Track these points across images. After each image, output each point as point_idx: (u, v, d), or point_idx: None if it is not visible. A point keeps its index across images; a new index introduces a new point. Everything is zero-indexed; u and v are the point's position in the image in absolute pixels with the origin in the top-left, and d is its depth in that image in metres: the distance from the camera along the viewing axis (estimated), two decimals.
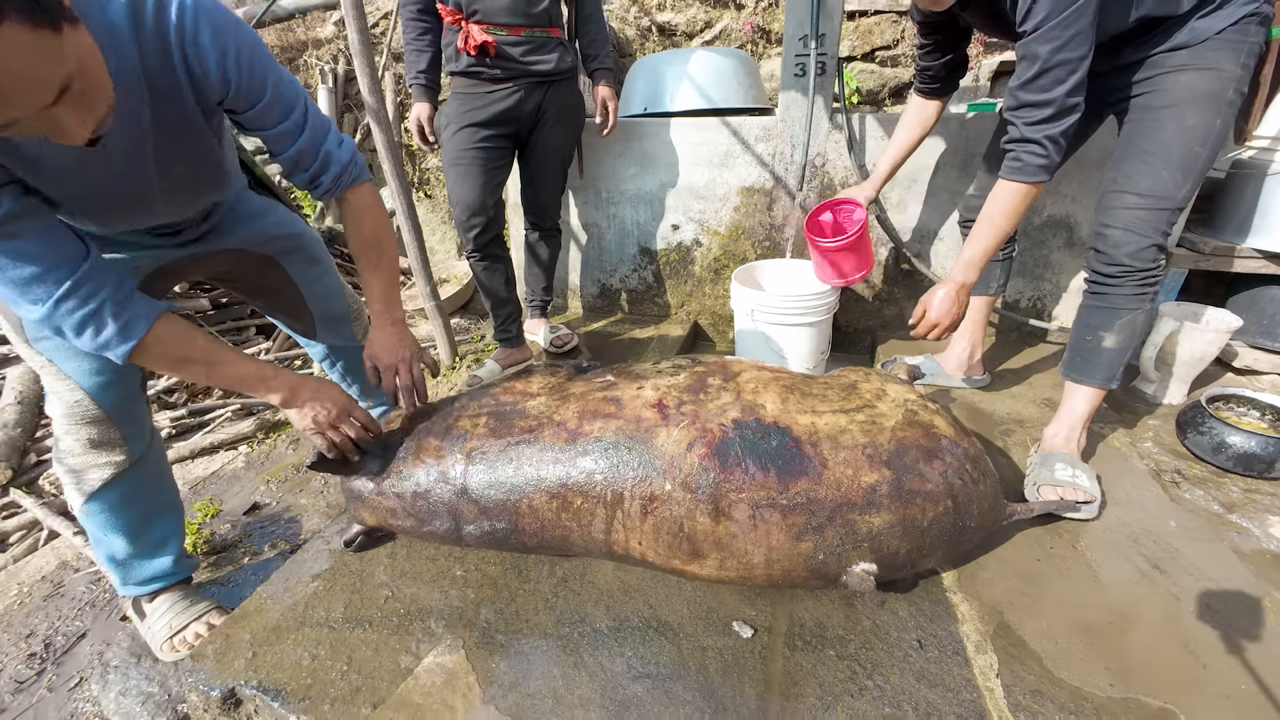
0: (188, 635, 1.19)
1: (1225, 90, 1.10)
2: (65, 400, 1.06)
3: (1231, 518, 1.32)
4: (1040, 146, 1.13)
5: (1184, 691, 0.92)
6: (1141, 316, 1.24)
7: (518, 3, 1.65)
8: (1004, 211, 1.21)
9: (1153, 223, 1.16)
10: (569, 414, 1.14)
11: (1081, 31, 1.04)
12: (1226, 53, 1.10)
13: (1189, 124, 1.12)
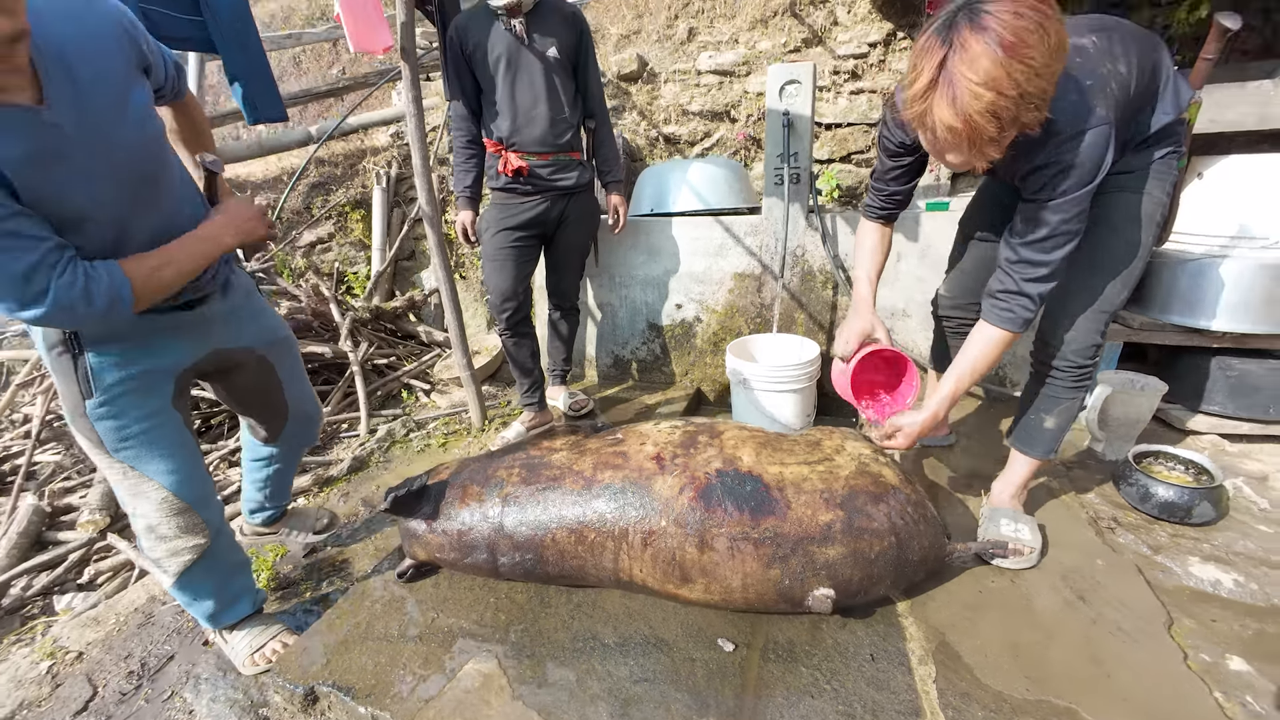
0: (266, 651, 1.43)
1: (1156, 213, 1.30)
2: (153, 500, 1.23)
3: (1157, 559, 1.51)
4: (1031, 301, 1.25)
5: (1088, 695, 1.11)
6: (1076, 405, 1.46)
7: (547, 135, 2.08)
8: (986, 356, 1.32)
9: (1095, 325, 1.37)
10: (586, 465, 1.42)
11: (1085, 208, 1.17)
12: (1156, 180, 1.29)
13: (1129, 241, 1.31)
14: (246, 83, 2.13)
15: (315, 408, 1.65)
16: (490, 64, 1.98)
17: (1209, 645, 1.25)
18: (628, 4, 3.52)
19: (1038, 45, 0.92)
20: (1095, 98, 1.09)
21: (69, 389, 1.13)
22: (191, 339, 1.26)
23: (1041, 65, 0.92)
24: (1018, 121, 0.97)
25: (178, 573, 1.31)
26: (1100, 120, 1.08)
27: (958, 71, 0.94)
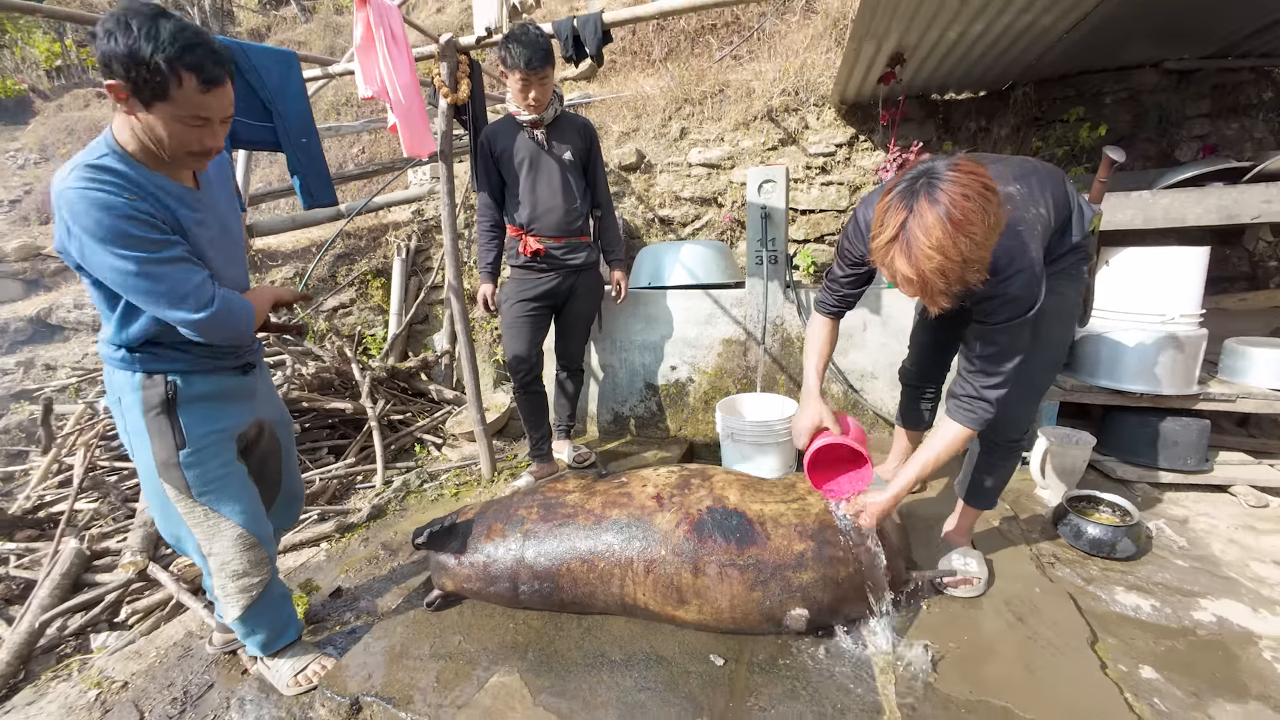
0: (308, 673, 1.58)
1: (1069, 309, 1.55)
2: (229, 537, 1.41)
3: (1089, 588, 1.74)
4: (989, 404, 1.41)
5: (1021, 696, 1.32)
6: (1009, 471, 1.72)
7: (561, 223, 2.43)
8: (949, 448, 1.46)
9: (1027, 408, 1.64)
10: (595, 504, 1.66)
11: (1027, 330, 1.35)
12: (1068, 282, 1.53)
13: (1051, 337, 1.52)
14: (304, 176, 2.50)
15: (301, 489, 1.79)
16: (515, 165, 2.36)
17: (1126, 658, 1.47)
18: (629, 106, 4.05)
19: (980, 223, 1.10)
20: (1027, 240, 1.30)
21: (164, 443, 1.34)
22: (246, 404, 1.50)
23: (982, 239, 1.11)
24: (963, 280, 1.14)
25: (245, 606, 1.48)
26: (1032, 259, 1.29)
27: (915, 234, 1.12)
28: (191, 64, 1.11)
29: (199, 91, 1.14)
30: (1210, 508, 2.19)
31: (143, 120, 1.15)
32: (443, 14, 7.63)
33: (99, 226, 1.12)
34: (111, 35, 1.08)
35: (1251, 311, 2.67)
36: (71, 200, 1.12)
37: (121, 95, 1.12)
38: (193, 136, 1.19)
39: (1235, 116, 3.00)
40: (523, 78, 2.13)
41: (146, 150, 1.20)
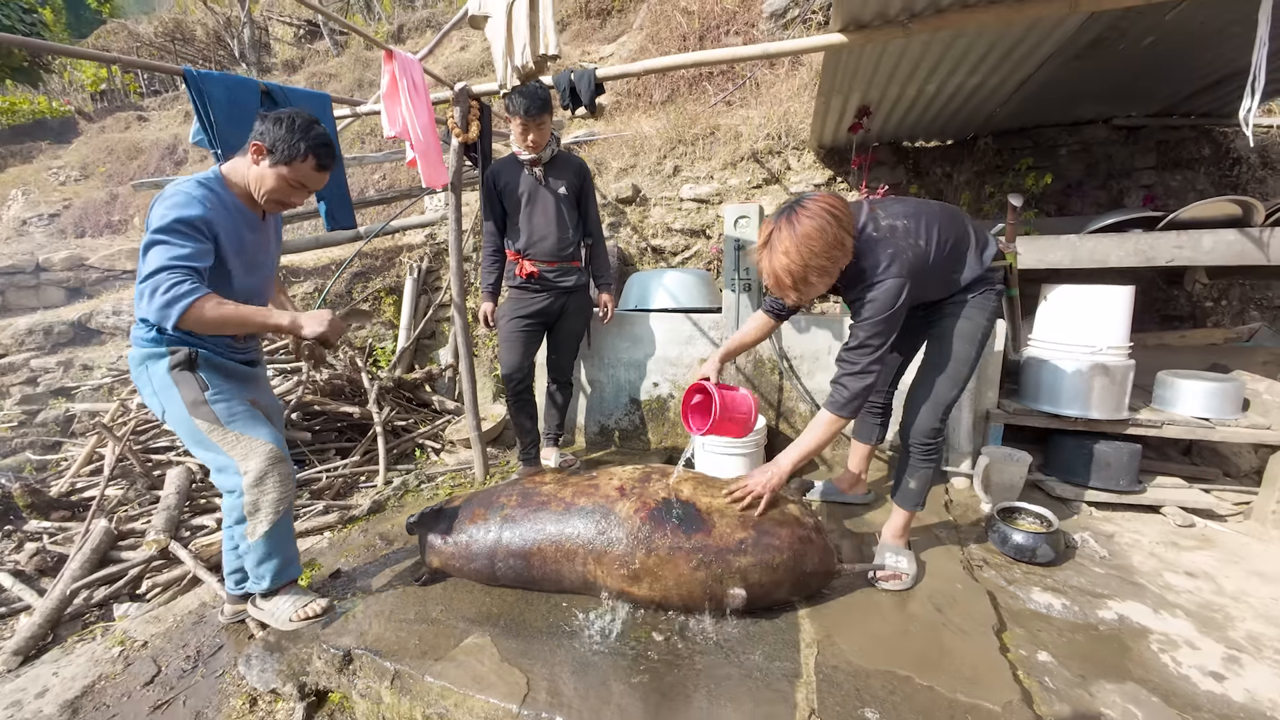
0: (307, 609, 1.74)
1: (977, 332, 1.78)
2: (260, 453, 1.63)
3: (1010, 588, 1.93)
4: (845, 389, 1.66)
5: (923, 668, 1.51)
6: (930, 473, 1.92)
7: (554, 249, 2.71)
8: (816, 433, 1.71)
9: (934, 414, 1.87)
10: (566, 493, 1.88)
11: (885, 330, 1.63)
12: (975, 308, 1.78)
13: (955, 352, 1.78)
14: (329, 202, 2.81)
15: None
16: (515, 197, 2.66)
17: (1028, 645, 1.66)
18: (627, 145, 4.39)
19: (819, 239, 1.51)
20: (894, 262, 1.62)
21: (191, 389, 1.61)
22: (248, 386, 1.77)
23: (820, 251, 1.51)
24: (807, 282, 1.55)
25: (274, 521, 1.67)
26: (894, 275, 1.61)
27: (775, 243, 1.56)
28: (318, 152, 1.61)
29: (312, 169, 1.62)
30: (1140, 525, 2.37)
31: (261, 169, 1.59)
32: (465, 52, 8.18)
33: (165, 211, 1.49)
34: (280, 122, 1.57)
35: (1191, 348, 2.88)
36: (167, 193, 1.52)
37: (260, 150, 1.58)
38: (287, 194, 1.64)
39: (1179, 169, 3.26)
40: (522, 123, 2.44)
41: (244, 188, 1.64)
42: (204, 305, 1.45)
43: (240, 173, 1.63)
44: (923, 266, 1.67)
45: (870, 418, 2.33)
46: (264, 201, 1.65)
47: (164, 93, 11.89)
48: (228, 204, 1.61)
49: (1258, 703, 1.48)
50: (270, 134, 1.56)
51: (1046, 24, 2.19)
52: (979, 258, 1.79)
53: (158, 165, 9.57)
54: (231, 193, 1.63)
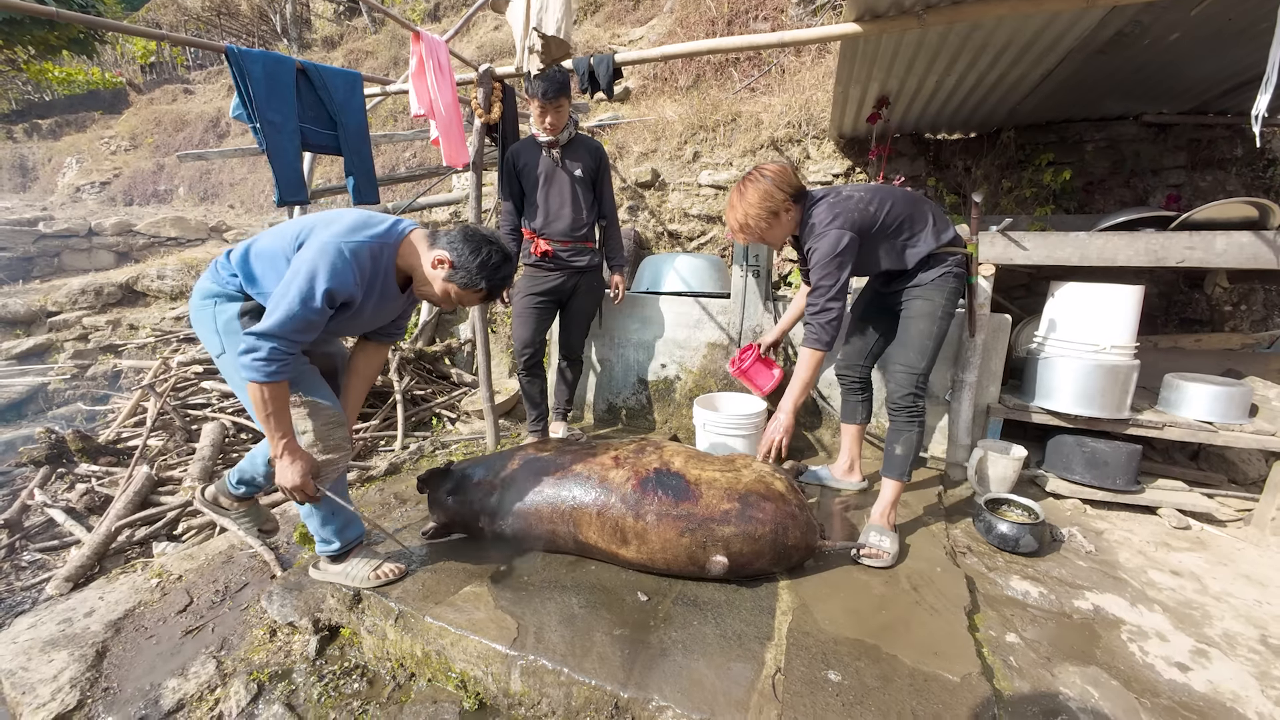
0: (383, 571, 1.83)
1: (936, 311, 2.00)
2: (323, 414, 1.65)
3: (990, 575, 1.98)
4: (813, 327, 1.97)
5: (890, 639, 1.58)
6: (914, 437, 2.03)
7: (568, 228, 2.81)
8: (806, 366, 1.98)
9: (908, 381, 2.01)
10: (565, 460, 1.99)
11: (833, 273, 1.91)
12: (935, 290, 1.99)
13: (919, 328, 2.01)
14: (357, 177, 2.95)
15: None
16: (533, 177, 2.75)
17: (997, 626, 1.72)
18: (649, 130, 4.44)
19: (755, 196, 1.95)
20: (837, 217, 1.93)
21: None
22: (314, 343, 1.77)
23: (757, 203, 1.95)
24: (754, 228, 1.99)
25: (333, 478, 1.71)
26: (835, 227, 1.92)
27: (734, 200, 2.01)
28: (494, 290, 1.67)
29: (479, 298, 1.68)
30: (1134, 524, 2.38)
31: (436, 275, 1.62)
32: (499, 31, 8.25)
33: (325, 267, 1.48)
34: (477, 252, 1.59)
35: (1206, 352, 2.84)
36: (336, 240, 1.51)
37: (445, 264, 1.60)
38: (447, 303, 1.69)
39: (1210, 169, 3.18)
40: (540, 105, 2.52)
41: (408, 271, 1.67)
42: (275, 390, 1.47)
43: (414, 256, 1.64)
44: (869, 228, 1.96)
45: (852, 397, 2.40)
46: (417, 293, 1.70)
47: (209, 66, 12.27)
48: (380, 274, 1.60)
49: (1219, 694, 1.53)
50: (463, 257, 1.58)
51: (1066, 18, 2.17)
52: (935, 236, 2.00)
53: (202, 138, 9.93)
54: (394, 264, 1.63)
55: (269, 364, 1.44)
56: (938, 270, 2.01)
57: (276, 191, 2.62)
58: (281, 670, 1.74)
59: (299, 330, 1.47)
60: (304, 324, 1.47)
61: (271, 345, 1.43)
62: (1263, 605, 1.91)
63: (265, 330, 1.44)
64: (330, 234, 1.53)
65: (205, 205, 9.15)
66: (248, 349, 1.43)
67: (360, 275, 1.54)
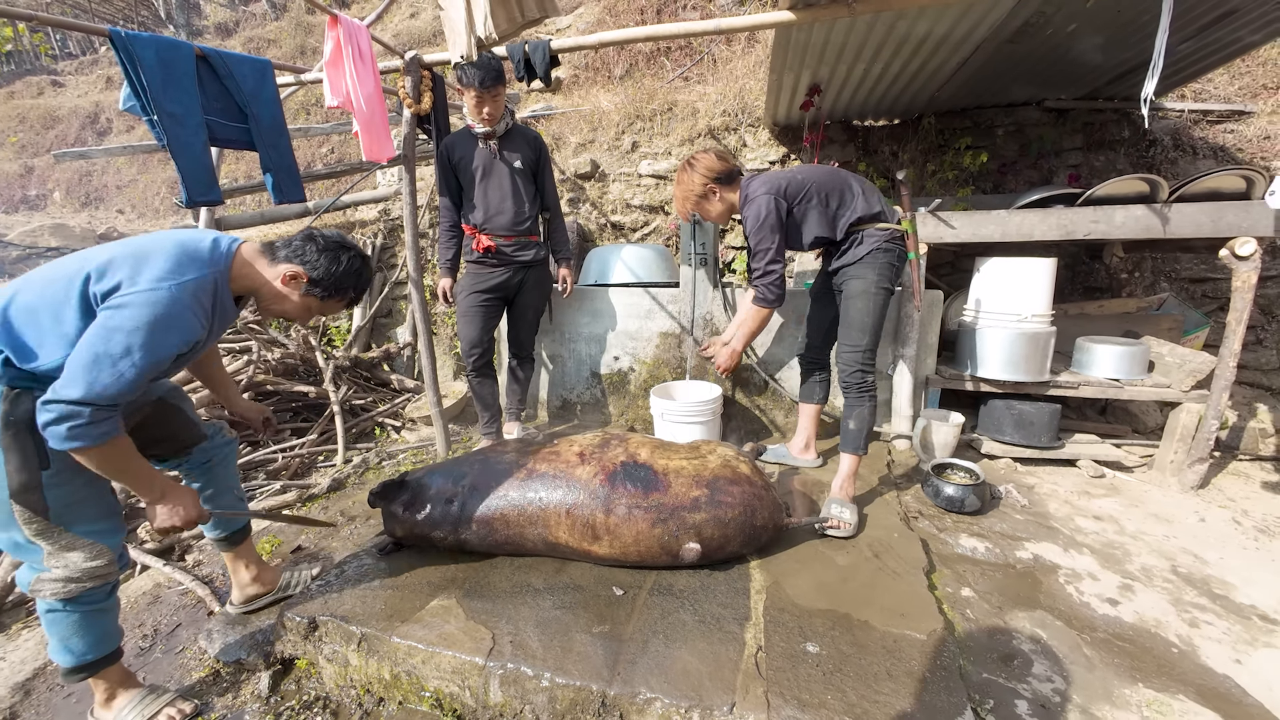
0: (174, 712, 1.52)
1: (870, 288, 2.09)
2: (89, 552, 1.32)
3: (941, 535, 2.11)
4: (758, 288, 2.13)
5: (859, 605, 1.65)
6: (865, 412, 2.12)
7: (510, 223, 2.71)
8: (751, 316, 2.20)
9: (854, 359, 2.11)
10: (528, 461, 1.93)
11: (766, 236, 2.08)
12: (868, 268, 2.08)
13: (859, 307, 2.10)
14: (276, 173, 2.72)
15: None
16: (471, 171, 2.64)
17: (953, 583, 1.83)
18: (585, 120, 4.37)
19: (686, 176, 2.18)
20: (762, 185, 2.12)
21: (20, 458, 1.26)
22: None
23: (685, 182, 2.18)
24: (684, 200, 2.22)
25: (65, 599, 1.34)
26: (761, 194, 2.09)
27: (675, 184, 2.25)
28: (359, 294, 1.58)
29: (344, 306, 1.58)
30: (1058, 477, 2.60)
31: (290, 292, 1.46)
32: (416, 19, 7.86)
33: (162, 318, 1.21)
34: (336, 260, 1.47)
35: (1108, 316, 3.13)
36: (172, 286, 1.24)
37: (301, 279, 1.46)
38: (303, 319, 1.55)
39: (1103, 150, 3.50)
40: (477, 95, 2.42)
41: (246, 289, 1.45)
42: (114, 446, 1.19)
43: (252, 276, 1.44)
44: (795, 195, 2.11)
45: (811, 378, 2.48)
46: (265, 314, 1.53)
47: (80, 56, 10.98)
48: (219, 303, 1.37)
49: (1144, 622, 1.69)
50: (321, 267, 1.45)
51: (979, 9, 2.31)
52: (865, 204, 2.13)
53: (78, 135, 8.89)
54: (229, 289, 1.40)
55: (94, 426, 1.14)
56: (866, 247, 2.10)
57: (183, 191, 2.37)
58: (231, 714, 1.59)
59: (121, 394, 1.17)
60: (130, 388, 1.18)
61: (91, 409, 1.14)
62: (1170, 539, 2.13)
63: (74, 397, 1.12)
64: (151, 279, 1.23)
65: (89, 211, 8.21)
66: (59, 417, 1.12)
67: (204, 316, 1.31)
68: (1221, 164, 3.38)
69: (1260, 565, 1.98)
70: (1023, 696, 1.43)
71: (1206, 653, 1.58)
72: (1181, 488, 2.52)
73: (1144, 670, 1.51)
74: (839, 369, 2.16)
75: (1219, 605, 1.77)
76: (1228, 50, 2.76)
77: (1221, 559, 2.01)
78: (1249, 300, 2.31)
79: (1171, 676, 1.50)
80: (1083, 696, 1.43)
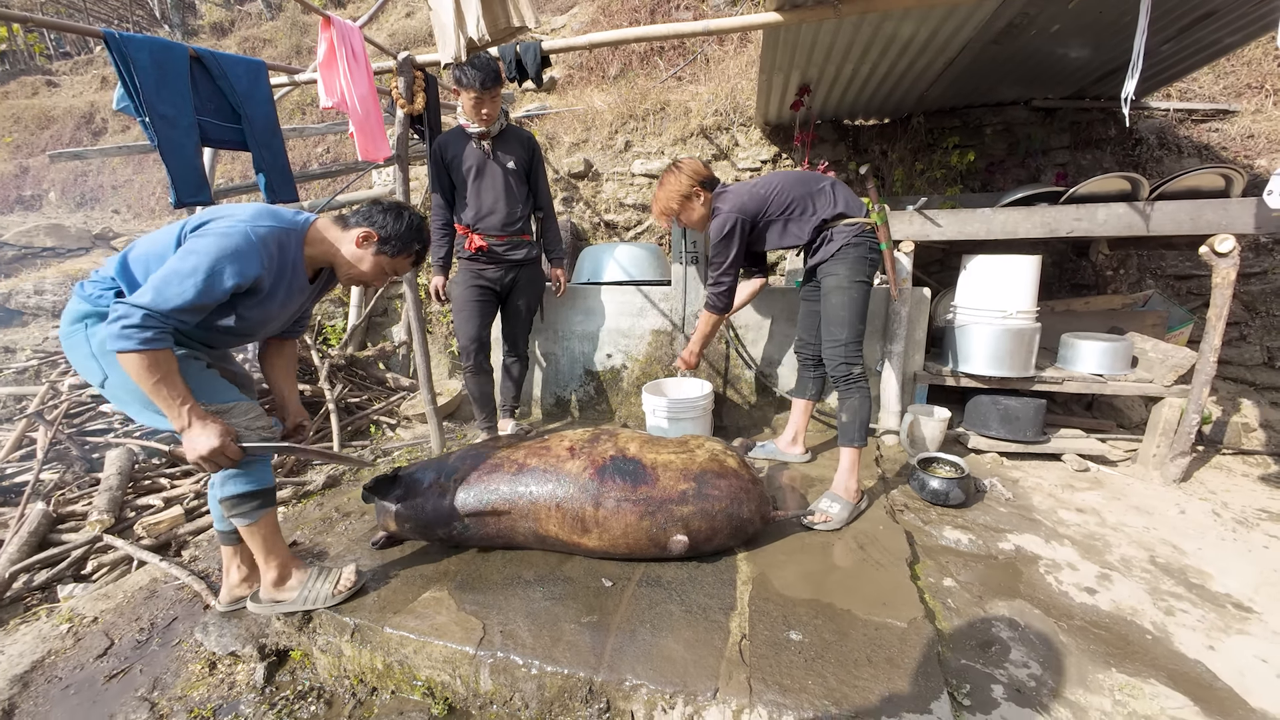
0: (345, 581, 1.72)
1: (844, 283, 2.10)
2: (238, 410, 1.52)
3: (926, 528, 2.14)
4: (711, 294, 2.29)
5: (842, 595, 1.68)
6: (855, 403, 2.14)
7: (503, 223, 2.74)
8: (705, 322, 2.36)
9: (837, 353, 2.12)
10: (519, 455, 1.97)
11: (722, 250, 2.20)
12: (841, 264, 2.10)
13: (835, 303, 2.11)
14: (269, 174, 2.74)
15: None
16: (463, 171, 2.66)
17: (936, 573, 1.87)
18: (579, 119, 4.39)
19: (666, 183, 2.25)
20: (726, 204, 2.20)
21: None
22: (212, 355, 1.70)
23: (671, 193, 2.24)
24: (668, 210, 2.26)
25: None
26: (724, 212, 2.18)
27: (657, 188, 2.31)
28: (424, 250, 1.71)
29: (412, 263, 1.70)
30: (1043, 471, 2.65)
31: (364, 253, 1.60)
32: (411, 19, 7.87)
33: (225, 251, 1.38)
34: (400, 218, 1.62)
35: (1094, 313, 3.17)
36: (240, 224, 1.43)
37: (371, 239, 1.59)
38: (378, 280, 1.68)
39: (1089, 149, 3.54)
40: (476, 96, 2.44)
41: (322, 258, 1.61)
42: (156, 356, 1.33)
43: (327, 243, 1.59)
44: (758, 209, 2.19)
45: (806, 373, 2.51)
46: (344, 279, 1.66)
47: (75, 55, 10.96)
48: (289, 264, 1.53)
49: (1120, 610, 1.73)
50: (388, 226, 1.60)
51: (964, 10, 2.35)
52: (831, 203, 2.18)
53: (73, 135, 8.88)
54: (302, 253, 1.56)
55: (142, 330, 1.29)
56: (836, 244, 2.14)
57: (173, 192, 2.40)
58: (226, 703, 1.62)
59: (180, 310, 1.34)
60: (190, 306, 1.34)
61: (144, 313, 1.30)
62: (1150, 531, 2.17)
63: (139, 302, 1.31)
64: (231, 221, 1.45)
65: (84, 211, 8.20)
66: (115, 317, 1.29)
67: (269, 261, 1.46)
68: (1205, 162, 3.43)
69: (1237, 555, 2.02)
70: (999, 681, 1.47)
71: (1180, 639, 1.62)
72: (1164, 481, 2.56)
73: (1118, 656, 1.55)
74: (826, 365, 2.20)
75: (1194, 594, 1.81)
76: (1208, 51, 2.80)
77: (1200, 549, 2.06)
78: (1229, 296, 2.36)
79: (1144, 662, 1.53)
80: (1057, 681, 1.47)
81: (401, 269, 1.69)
